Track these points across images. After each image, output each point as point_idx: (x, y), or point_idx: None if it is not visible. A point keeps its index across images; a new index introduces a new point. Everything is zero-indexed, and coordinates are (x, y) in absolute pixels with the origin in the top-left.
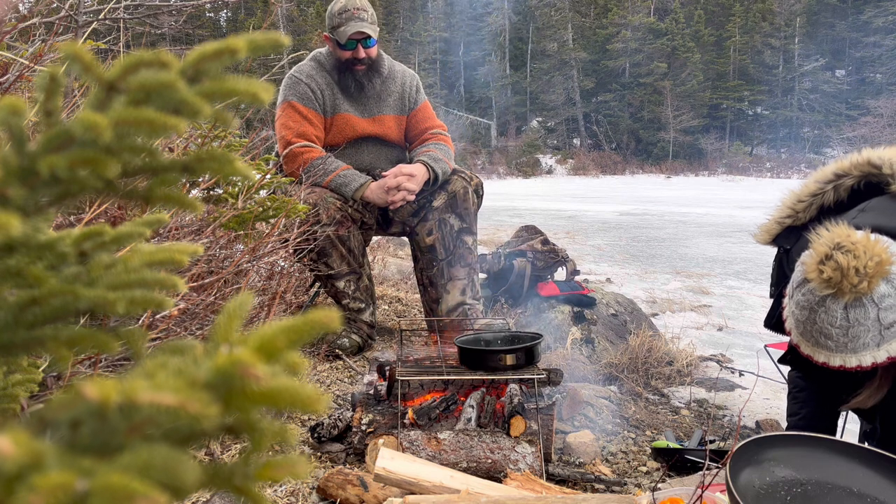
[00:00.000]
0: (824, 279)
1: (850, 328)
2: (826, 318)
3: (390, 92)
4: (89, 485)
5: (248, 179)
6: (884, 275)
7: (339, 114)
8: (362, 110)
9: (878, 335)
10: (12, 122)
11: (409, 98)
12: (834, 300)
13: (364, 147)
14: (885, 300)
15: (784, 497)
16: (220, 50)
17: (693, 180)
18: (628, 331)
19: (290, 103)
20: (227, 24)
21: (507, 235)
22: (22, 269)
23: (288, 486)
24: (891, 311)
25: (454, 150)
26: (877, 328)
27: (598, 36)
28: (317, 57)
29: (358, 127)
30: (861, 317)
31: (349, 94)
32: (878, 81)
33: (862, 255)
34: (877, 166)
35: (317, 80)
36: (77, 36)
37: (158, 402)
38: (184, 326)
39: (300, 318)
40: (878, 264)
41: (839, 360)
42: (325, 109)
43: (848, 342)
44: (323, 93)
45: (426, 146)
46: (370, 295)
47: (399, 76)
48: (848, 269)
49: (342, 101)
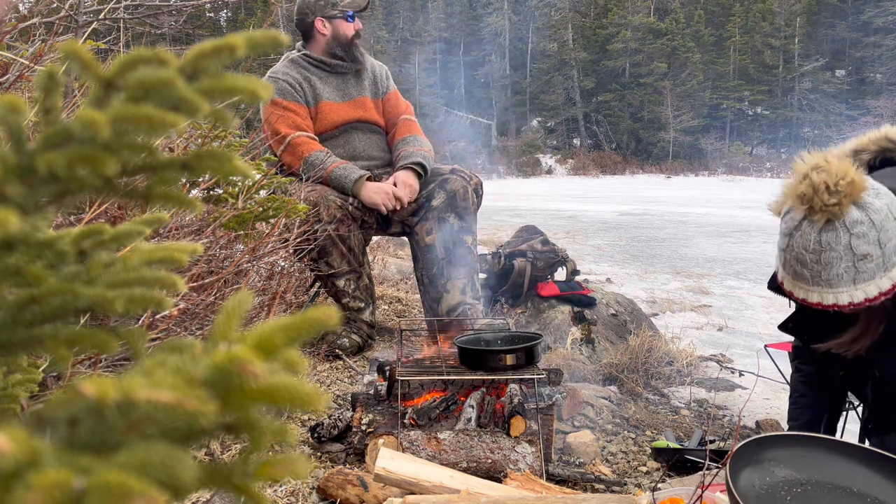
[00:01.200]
0: (798, 195)
1: (823, 252)
2: (801, 241)
3: (364, 77)
4: (87, 483)
5: (247, 178)
6: (856, 199)
7: (321, 102)
8: (342, 94)
9: (852, 268)
10: (11, 120)
11: (381, 83)
12: (809, 223)
13: (354, 135)
14: (856, 226)
15: (784, 497)
16: (219, 47)
17: (693, 180)
18: (628, 331)
19: (275, 101)
20: (227, 24)
21: (507, 235)
22: (21, 268)
23: (288, 486)
24: (863, 239)
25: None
26: (850, 258)
27: (598, 36)
28: (289, 57)
29: (341, 112)
30: (833, 241)
31: (328, 81)
32: (878, 81)
33: (834, 173)
34: (893, 141)
35: (293, 76)
36: (77, 36)
37: (156, 399)
38: (184, 326)
39: (299, 316)
40: (850, 184)
41: (816, 295)
42: (308, 100)
43: (821, 270)
44: (301, 85)
45: (400, 147)
46: (370, 294)
47: (369, 63)
48: (819, 185)
49: (321, 89)
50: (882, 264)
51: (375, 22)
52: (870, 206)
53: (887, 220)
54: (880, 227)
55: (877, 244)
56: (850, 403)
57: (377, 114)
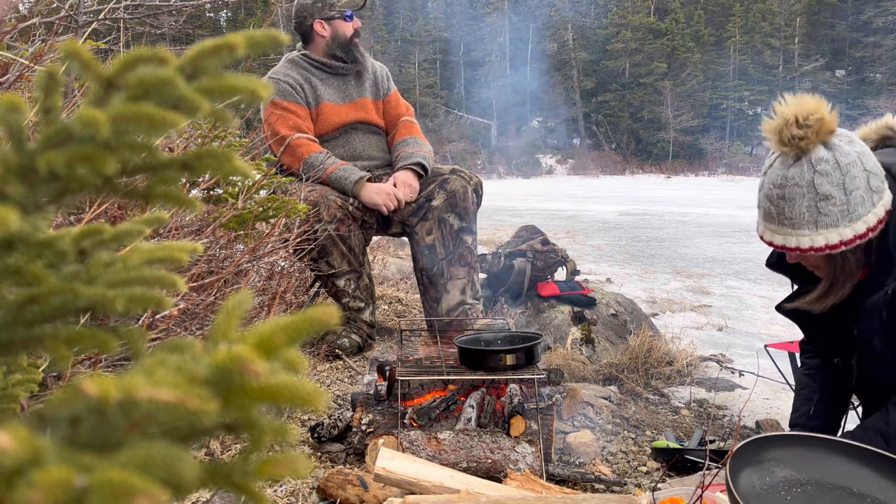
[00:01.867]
0: (771, 129)
1: (786, 187)
2: (770, 176)
3: (365, 78)
4: (89, 481)
5: (247, 178)
6: (825, 137)
7: (322, 103)
8: (343, 96)
9: (813, 208)
10: (11, 120)
11: (382, 85)
12: (781, 161)
13: (354, 136)
14: (820, 164)
15: (784, 497)
16: (219, 46)
17: (693, 180)
18: (628, 331)
19: (275, 102)
20: (227, 24)
21: (507, 235)
22: (21, 268)
23: (288, 486)
24: (826, 178)
25: (423, 136)
26: (812, 196)
27: (598, 36)
28: (289, 57)
29: (342, 113)
30: (797, 176)
31: (329, 83)
32: (878, 81)
33: (805, 108)
34: (893, 129)
35: (293, 77)
36: (77, 36)
37: (157, 398)
38: (184, 326)
39: (299, 315)
40: (819, 121)
41: (781, 237)
42: (308, 102)
43: (785, 207)
44: (302, 87)
45: (399, 148)
46: (370, 294)
47: (370, 65)
48: (790, 118)
49: (322, 91)
50: (846, 212)
51: (375, 22)
52: (838, 149)
53: (854, 166)
54: (846, 171)
55: (841, 188)
56: (850, 404)
57: (377, 115)
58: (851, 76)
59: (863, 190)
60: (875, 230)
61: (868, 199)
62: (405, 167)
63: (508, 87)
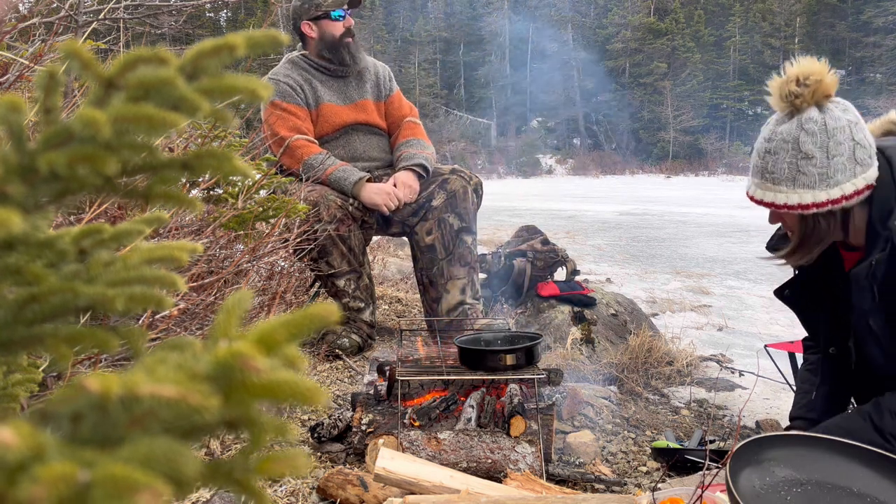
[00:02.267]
0: (775, 85)
1: (773, 141)
2: (763, 132)
3: (367, 79)
4: (91, 476)
5: (247, 178)
6: (820, 99)
7: (322, 104)
8: (343, 97)
9: (794, 165)
10: (12, 119)
11: (384, 86)
12: (777, 118)
13: (354, 136)
14: (808, 123)
15: (784, 497)
16: (219, 47)
17: (693, 180)
18: (628, 331)
19: (275, 103)
20: (227, 24)
21: (507, 235)
22: (21, 267)
23: (288, 486)
24: (811, 138)
25: (427, 138)
26: (794, 153)
27: (598, 36)
28: (290, 59)
29: (342, 114)
30: (785, 132)
31: (329, 84)
32: (878, 81)
33: (809, 69)
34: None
35: (294, 78)
36: (77, 36)
37: (159, 394)
38: (184, 326)
39: (300, 313)
40: (817, 83)
41: (761, 191)
42: (308, 103)
43: (769, 161)
44: (302, 87)
45: (402, 148)
46: (370, 294)
47: (372, 65)
48: (792, 76)
49: (322, 92)
50: (825, 175)
51: (375, 22)
52: (829, 112)
53: (842, 132)
54: (831, 135)
55: (824, 150)
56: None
57: (379, 116)
58: (851, 76)
59: (846, 158)
60: (850, 199)
61: (850, 169)
62: (406, 167)
63: (508, 87)
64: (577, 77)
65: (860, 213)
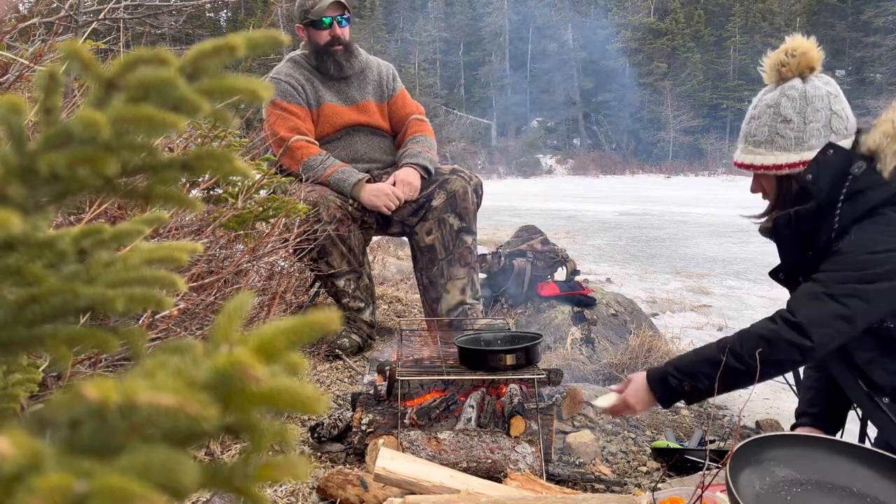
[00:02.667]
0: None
1: (757, 106)
2: (754, 100)
3: (369, 80)
4: (88, 486)
5: (247, 178)
6: (803, 71)
7: (324, 104)
8: (345, 99)
9: (773, 127)
10: (12, 120)
11: (386, 86)
12: (765, 88)
13: (356, 137)
14: (790, 90)
15: (784, 497)
16: (219, 47)
17: (693, 180)
18: (628, 331)
19: (275, 103)
20: (227, 24)
21: (507, 235)
22: (21, 267)
23: (288, 486)
24: (790, 103)
25: (434, 135)
26: (775, 117)
27: (598, 36)
28: (292, 57)
29: (344, 115)
30: (769, 98)
31: (330, 85)
32: (878, 81)
33: (798, 44)
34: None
35: (295, 77)
36: (77, 36)
37: (158, 402)
38: (184, 326)
39: (300, 319)
40: (804, 55)
41: (743, 155)
42: (310, 103)
43: (753, 125)
44: (304, 87)
45: (406, 145)
46: (370, 294)
47: (375, 66)
48: (782, 49)
49: (324, 92)
50: (800, 139)
51: (375, 22)
52: (810, 82)
53: (820, 101)
54: (809, 101)
55: (801, 115)
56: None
57: (381, 118)
58: (851, 76)
59: (821, 125)
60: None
61: (824, 135)
62: (409, 164)
63: (508, 87)
64: (577, 77)
65: None
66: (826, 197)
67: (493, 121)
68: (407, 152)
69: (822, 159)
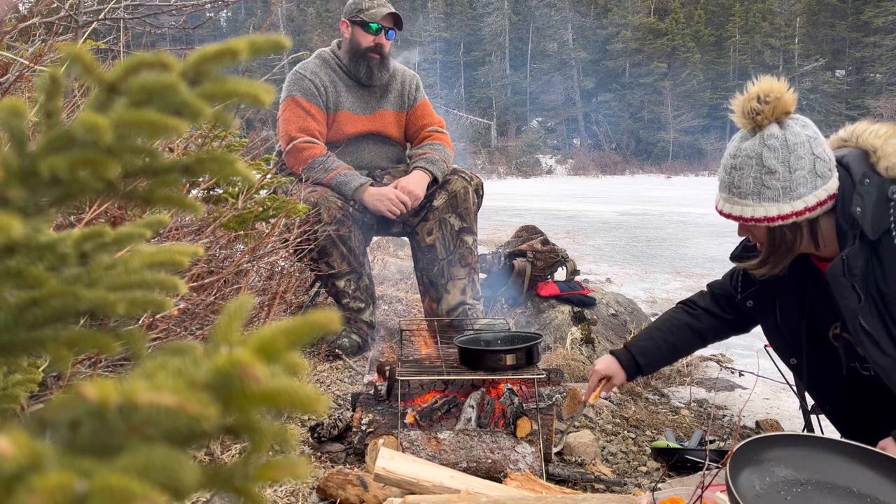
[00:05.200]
0: (737, 103)
1: (738, 157)
2: (729, 148)
3: (391, 89)
4: (88, 486)
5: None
6: (780, 116)
7: (340, 111)
8: (364, 107)
9: (759, 180)
10: (13, 123)
11: (408, 95)
12: (741, 135)
13: (364, 145)
14: (770, 139)
15: (784, 497)
16: (221, 52)
17: (693, 180)
18: (628, 331)
19: (295, 99)
20: (227, 25)
21: (507, 235)
22: (22, 270)
23: (288, 486)
24: (773, 153)
25: (452, 149)
26: (758, 169)
27: (598, 36)
28: (322, 55)
29: (357, 124)
30: (748, 148)
31: (353, 90)
32: (878, 81)
33: (768, 88)
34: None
35: (320, 77)
36: (77, 36)
37: (158, 402)
38: (184, 326)
39: (300, 319)
40: (777, 100)
41: (729, 205)
42: (328, 106)
43: (735, 176)
44: (326, 89)
45: (423, 147)
46: (370, 295)
47: (399, 74)
48: (753, 94)
49: (345, 98)
50: (788, 189)
51: None
52: (789, 129)
53: (802, 147)
54: (792, 150)
55: (785, 165)
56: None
57: (395, 127)
58: (851, 76)
59: (807, 171)
60: (813, 210)
61: (811, 182)
62: (420, 168)
63: (508, 87)
64: (577, 77)
65: (827, 223)
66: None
67: (493, 121)
68: (423, 156)
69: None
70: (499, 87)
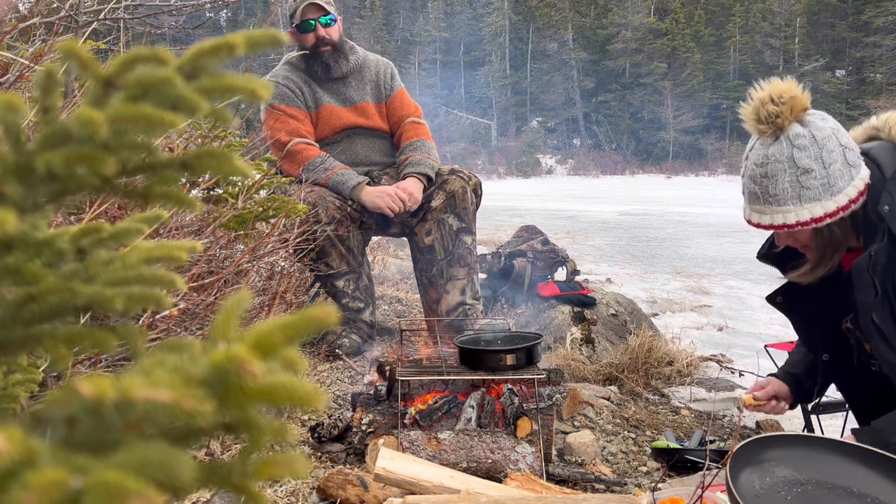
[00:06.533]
0: (748, 110)
1: (768, 165)
2: (752, 158)
3: (366, 80)
4: (83, 482)
5: (247, 178)
6: (799, 114)
7: (322, 106)
8: (343, 100)
9: (796, 182)
10: (9, 119)
11: (384, 86)
12: (761, 142)
13: (356, 140)
14: (798, 139)
15: (784, 497)
16: (218, 46)
17: (693, 180)
18: (628, 331)
19: (275, 106)
20: (227, 25)
21: (507, 235)
22: (19, 267)
23: (288, 487)
24: (805, 152)
25: (431, 138)
26: (793, 171)
27: (598, 36)
28: (289, 60)
29: (343, 116)
30: (777, 153)
31: (328, 86)
32: (878, 81)
33: (779, 88)
34: (877, 128)
35: (293, 80)
36: (77, 36)
37: (154, 398)
38: (184, 326)
39: (298, 315)
40: (793, 98)
41: (768, 217)
42: (308, 105)
43: (769, 185)
44: (302, 90)
45: (405, 152)
46: (370, 294)
47: (373, 65)
48: (765, 97)
49: (322, 94)
50: (827, 185)
51: (375, 22)
52: (812, 124)
53: (830, 140)
54: (822, 145)
55: (819, 161)
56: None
57: (380, 119)
58: (851, 76)
59: (840, 164)
60: (856, 202)
61: (846, 173)
62: (412, 174)
63: (508, 87)
64: (577, 77)
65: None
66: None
67: (493, 121)
68: (409, 161)
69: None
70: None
